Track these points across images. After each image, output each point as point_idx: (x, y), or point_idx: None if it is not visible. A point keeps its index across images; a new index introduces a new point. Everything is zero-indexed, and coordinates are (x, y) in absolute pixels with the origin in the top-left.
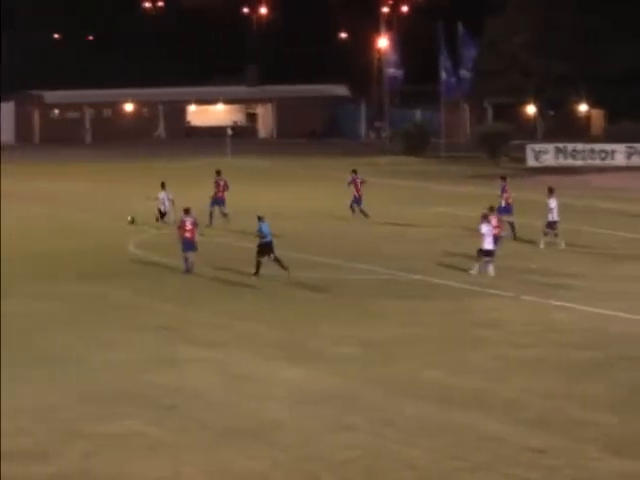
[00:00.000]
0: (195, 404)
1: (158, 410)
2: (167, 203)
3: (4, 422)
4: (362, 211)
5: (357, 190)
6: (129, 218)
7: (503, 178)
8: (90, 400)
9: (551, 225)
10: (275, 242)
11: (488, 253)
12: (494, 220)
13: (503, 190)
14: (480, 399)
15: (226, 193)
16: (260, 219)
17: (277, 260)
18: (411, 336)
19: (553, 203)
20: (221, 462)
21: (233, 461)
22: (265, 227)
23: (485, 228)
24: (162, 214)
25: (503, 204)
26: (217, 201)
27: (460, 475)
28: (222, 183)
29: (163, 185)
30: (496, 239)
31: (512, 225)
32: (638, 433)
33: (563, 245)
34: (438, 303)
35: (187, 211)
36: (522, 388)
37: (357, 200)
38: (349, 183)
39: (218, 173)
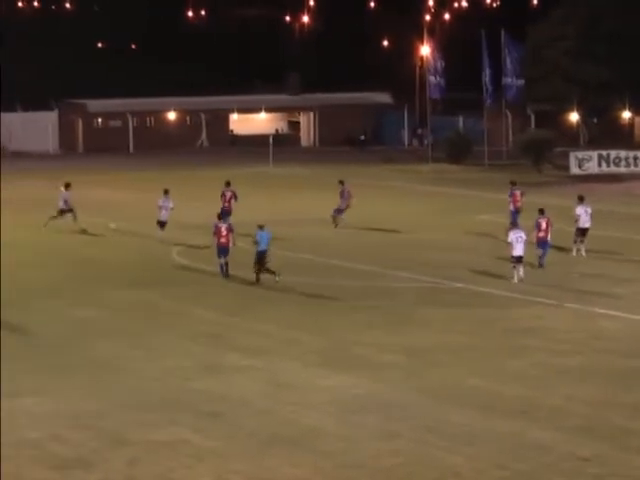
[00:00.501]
0: (240, 412)
1: (203, 417)
2: (165, 212)
3: (40, 429)
4: (332, 217)
5: (342, 200)
6: (112, 225)
7: (513, 183)
8: (136, 407)
9: (580, 232)
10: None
11: (518, 259)
12: (544, 224)
13: (512, 194)
14: (524, 407)
15: (233, 204)
16: (260, 227)
17: (268, 270)
18: (454, 344)
19: (580, 210)
20: (265, 470)
21: (277, 469)
22: (262, 236)
23: (512, 236)
24: (162, 223)
25: (512, 208)
26: (223, 213)
27: None
28: (229, 195)
29: (166, 192)
30: (545, 243)
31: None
32: None
33: (584, 253)
34: (481, 311)
35: (220, 217)
36: (566, 396)
37: (338, 210)
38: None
39: (227, 184)
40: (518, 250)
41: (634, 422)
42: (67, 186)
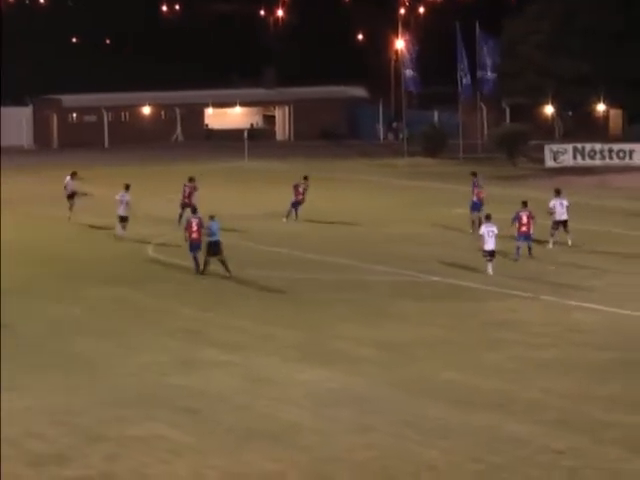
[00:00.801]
0: (217, 407)
1: (180, 413)
2: (123, 206)
3: (16, 425)
4: (288, 212)
5: (296, 195)
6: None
7: (474, 174)
8: (112, 403)
9: (556, 225)
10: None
11: (490, 253)
12: (525, 217)
13: (474, 186)
14: (500, 400)
15: (194, 198)
16: (211, 218)
17: (222, 262)
18: (430, 337)
19: (554, 202)
20: (242, 464)
21: (253, 463)
22: (214, 226)
23: (484, 229)
24: (122, 218)
25: (474, 199)
26: (184, 206)
27: (479, 476)
28: (187, 190)
29: (127, 187)
30: (527, 236)
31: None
32: None
33: (570, 243)
34: (457, 304)
35: (194, 211)
36: (542, 389)
37: (295, 204)
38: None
39: (190, 180)
40: (490, 244)
41: (610, 415)
42: (73, 175)
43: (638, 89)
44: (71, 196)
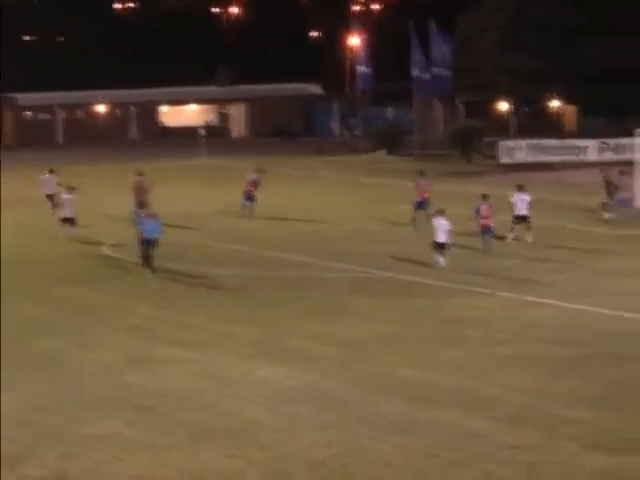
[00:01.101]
0: (174, 405)
1: (137, 411)
2: (68, 207)
3: None
4: (243, 205)
5: (247, 187)
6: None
7: (420, 173)
8: (70, 402)
9: (516, 220)
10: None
11: (440, 246)
12: (485, 210)
13: (417, 185)
14: (457, 396)
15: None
16: (148, 216)
17: (148, 261)
18: (387, 334)
19: (515, 198)
20: (198, 462)
21: (210, 461)
22: (149, 223)
23: (435, 221)
24: (68, 220)
25: (418, 199)
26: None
27: (436, 472)
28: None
29: (72, 188)
30: (487, 229)
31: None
32: (615, 429)
33: (530, 239)
34: (413, 300)
35: (142, 206)
36: (501, 385)
37: (248, 197)
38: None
39: (139, 174)
40: (440, 237)
41: (567, 410)
42: (51, 171)
43: (592, 85)
44: (51, 196)
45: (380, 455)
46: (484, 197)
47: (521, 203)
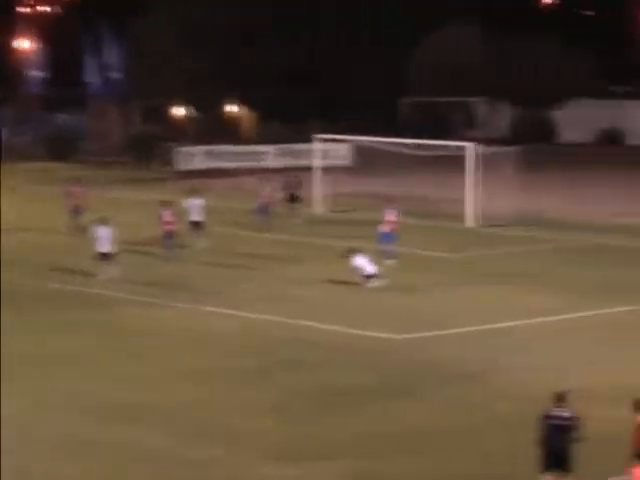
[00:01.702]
0: None
1: None
2: None
3: None
4: None
5: None
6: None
7: (76, 180)
8: None
9: (191, 225)
10: None
11: (104, 256)
12: (167, 216)
13: (69, 192)
14: (138, 412)
15: None
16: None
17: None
18: (62, 349)
19: (189, 203)
20: None
21: None
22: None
23: (99, 231)
24: None
25: (72, 207)
26: None
27: None
28: None
29: None
30: (169, 235)
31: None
32: (296, 436)
33: (204, 245)
34: (86, 313)
35: None
36: (179, 399)
37: None
38: None
39: None
40: (103, 247)
41: (248, 422)
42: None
43: (270, 89)
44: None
45: (65, 475)
46: (165, 203)
47: (194, 208)
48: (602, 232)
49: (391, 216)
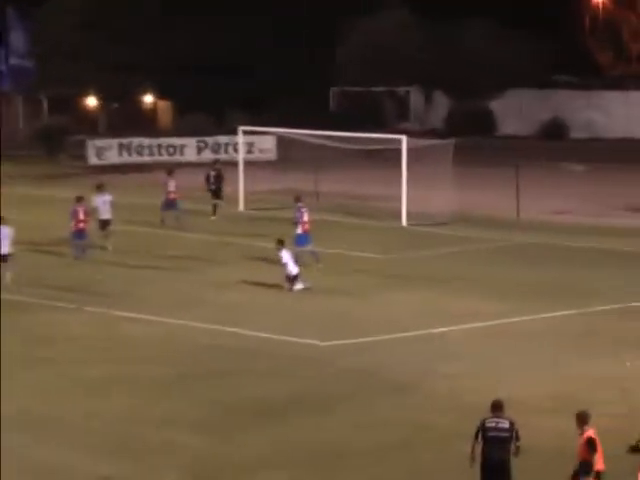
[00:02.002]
0: None
1: None
2: None
3: None
4: None
5: None
6: None
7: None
8: None
9: (100, 224)
10: None
11: (2, 258)
12: (81, 213)
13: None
14: (41, 426)
15: None
16: None
17: None
18: None
19: (98, 201)
20: None
21: None
22: None
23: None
24: None
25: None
26: None
27: None
28: None
29: None
30: (81, 234)
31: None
32: (216, 454)
33: (110, 248)
34: None
35: None
36: (89, 410)
37: None
38: None
39: None
40: (1, 248)
41: (168, 435)
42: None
43: (188, 79)
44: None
45: None
46: (79, 200)
47: (104, 206)
48: (540, 231)
49: (303, 216)
